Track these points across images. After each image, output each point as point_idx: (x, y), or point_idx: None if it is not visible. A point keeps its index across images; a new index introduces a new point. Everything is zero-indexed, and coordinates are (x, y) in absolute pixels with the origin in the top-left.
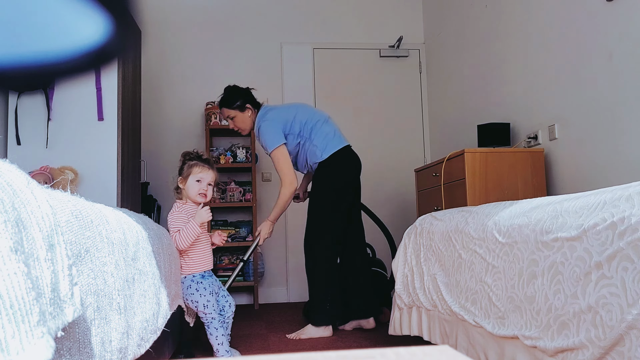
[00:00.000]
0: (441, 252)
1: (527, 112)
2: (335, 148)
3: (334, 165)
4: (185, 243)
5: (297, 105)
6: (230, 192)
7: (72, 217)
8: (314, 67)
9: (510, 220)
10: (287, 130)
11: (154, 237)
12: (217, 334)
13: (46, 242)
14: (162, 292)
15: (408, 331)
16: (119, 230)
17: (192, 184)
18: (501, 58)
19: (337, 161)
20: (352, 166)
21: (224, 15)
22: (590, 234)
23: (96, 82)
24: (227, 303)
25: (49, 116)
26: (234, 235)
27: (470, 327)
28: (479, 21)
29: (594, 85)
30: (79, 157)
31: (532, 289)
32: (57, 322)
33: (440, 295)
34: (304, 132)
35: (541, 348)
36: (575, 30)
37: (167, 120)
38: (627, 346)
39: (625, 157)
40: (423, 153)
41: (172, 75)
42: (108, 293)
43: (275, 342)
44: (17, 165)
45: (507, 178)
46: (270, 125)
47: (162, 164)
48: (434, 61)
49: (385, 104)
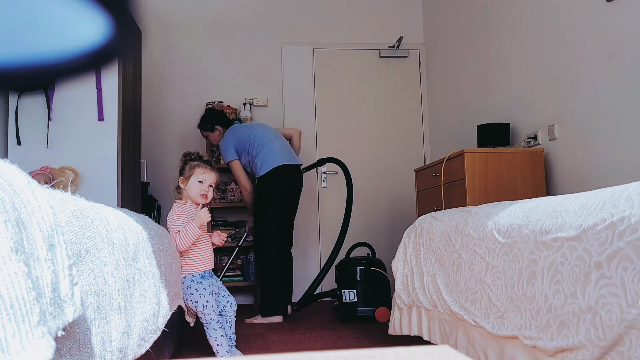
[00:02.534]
0: (441, 252)
1: (527, 112)
2: (270, 167)
3: (267, 182)
4: (185, 245)
5: (256, 126)
6: (230, 192)
7: (72, 217)
8: (314, 67)
9: (510, 220)
10: (240, 147)
11: (154, 237)
12: (216, 335)
13: (46, 242)
14: (163, 292)
15: (408, 331)
16: (119, 230)
17: (193, 184)
18: (501, 58)
19: (269, 179)
20: (282, 182)
21: (224, 16)
22: (589, 234)
23: (96, 82)
24: (228, 303)
25: (49, 116)
26: (234, 235)
27: (470, 327)
28: (478, 21)
29: (594, 85)
30: (79, 157)
31: (531, 288)
32: (58, 322)
33: (440, 295)
34: (252, 151)
35: (541, 348)
36: (575, 30)
37: (167, 120)
38: (627, 346)
39: (625, 157)
40: (423, 153)
41: (172, 75)
42: (108, 293)
43: (275, 342)
44: (18, 166)
45: (506, 178)
46: (224, 143)
47: (162, 164)
48: (434, 61)
49: (385, 104)
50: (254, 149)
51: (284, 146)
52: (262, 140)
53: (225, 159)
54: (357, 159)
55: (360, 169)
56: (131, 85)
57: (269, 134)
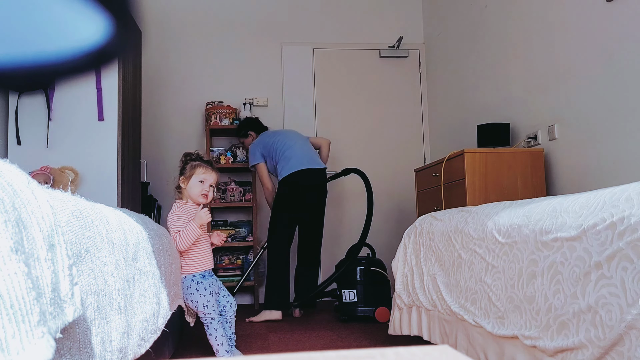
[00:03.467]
0: (441, 252)
1: (527, 112)
2: (288, 172)
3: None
4: (185, 244)
5: (282, 132)
6: (230, 192)
7: (72, 217)
8: (314, 67)
9: (510, 220)
10: (265, 153)
11: (154, 237)
12: (217, 335)
13: (46, 242)
14: (163, 292)
15: (408, 331)
16: (119, 230)
17: (195, 184)
18: (501, 58)
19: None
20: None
21: (224, 16)
22: (589, 234)
23: (96, 82)
24: (228, 303)
25: (49, 116)
26: (234, 235)
27: (470, 327)
28: (478, 21)
29: (594, 85)
30: (79, 157)
31: (531, 288)
32: (58, 322)
33: (440, 295)
34: (275, 157)
35: (541, 348)
36: (575, 30)
37: (167, 120)
38: (627, 346)
39: (625, 157)
40: (423, 153)
41: (172, 75)
42: (108, 293)
43: (275, 342)
44: (18, 165)
45: (506, 178)
46: (252, 148)
47: (162, 164)
48: (434, 61)
49: (385, 104)
50: (276, 155)
51: (305, 151)
52: (284, 146)
53: (250, 163)
54: (357, 159)
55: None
56: (131, 85)
57: (291, 140)
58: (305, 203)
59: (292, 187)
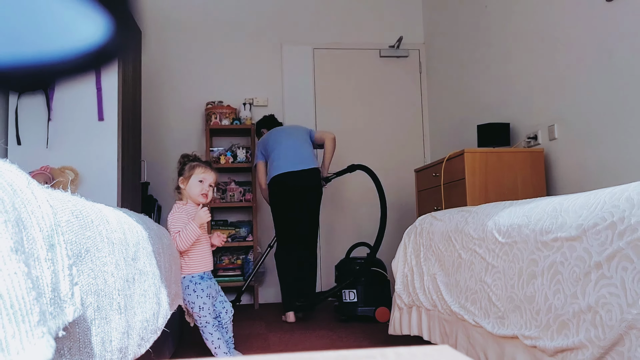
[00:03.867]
0: (441, 252)
1: (527, 112)
2: (271, 176)
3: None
4: (185, 244)
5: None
6: (230, 192)
7: (72, 217)
8: (314, 67)
9: (510, 220)
10: (264, 152)
11: (154, 237)
12: (213, 338)
13: (46, 242)
14: (163, 292)
15: (408, 331)
16: (119, 230)
17: (194, 184)
18: (501, 58)
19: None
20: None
21: (224, 16)
22: (589, 234)
23: (96, 82)
24: (224, 309)
25: (49, 116)
26: (234, 235)
27: (470, 326)
28: (478, 21)
29: (594, 85)
30: (79, 157)
31: (531, 288)
32: (58, 321)
33: (440, 295)
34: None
35: (541, 348)
36: (575, 30)
37: (167, 120)
38: (627, 346)
39: (625, 157)
40: (423, 153)
41: (172, 75)
42: (108, 293)
43: (275, 342)
44: (18, 165)
45: (506, 178)
46: (257, 145)
47: (162, 164)
48: (434, 61)
49: (385, 104)
50: (268, 155)
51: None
52: (272, 146)
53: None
54: (357, 159)
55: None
56: (131, 85)
57: (284, 139)
58: (295, 203)
59: (281, 187)
